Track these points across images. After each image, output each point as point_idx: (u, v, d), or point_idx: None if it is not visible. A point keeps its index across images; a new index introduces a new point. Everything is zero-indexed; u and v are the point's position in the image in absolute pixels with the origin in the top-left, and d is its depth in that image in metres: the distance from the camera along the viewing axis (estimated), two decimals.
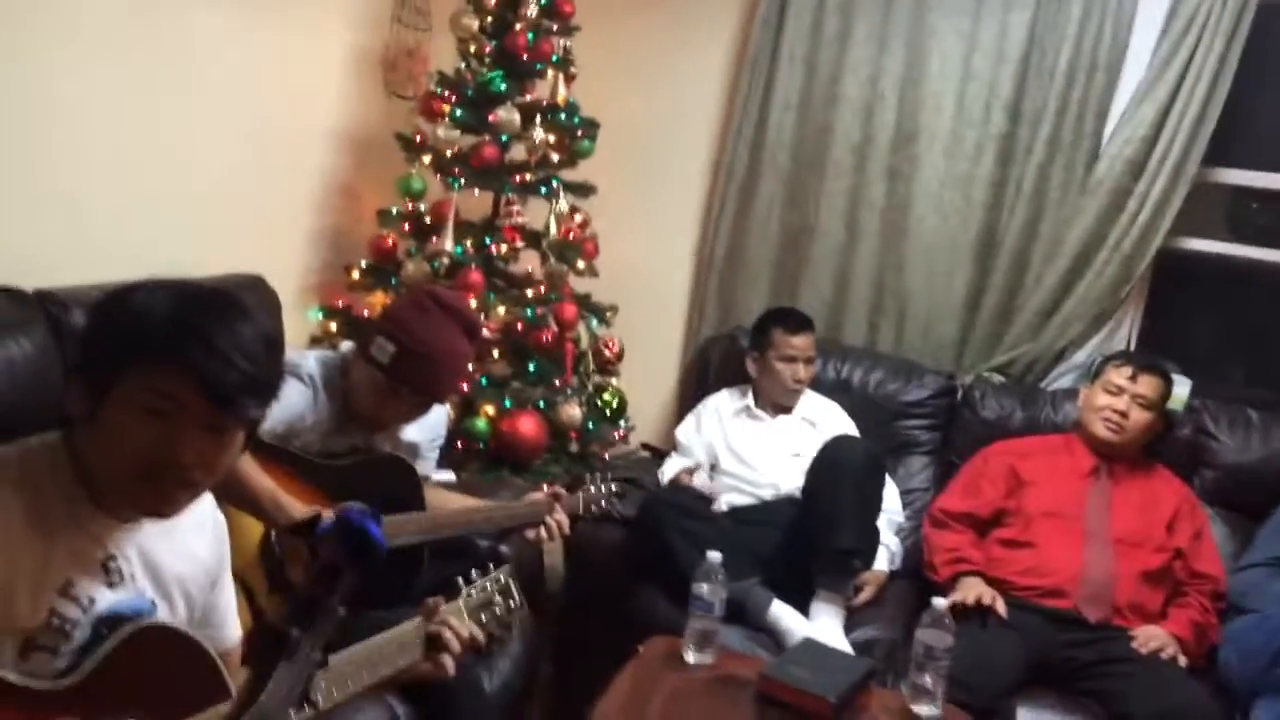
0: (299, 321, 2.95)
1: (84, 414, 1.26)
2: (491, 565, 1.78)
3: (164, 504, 1.30)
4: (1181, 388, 2.95)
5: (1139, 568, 2.62)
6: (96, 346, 1.28)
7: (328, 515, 1.75)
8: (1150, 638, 2.49)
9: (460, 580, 1.70)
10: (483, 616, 1.69)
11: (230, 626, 1.53)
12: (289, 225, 3.05)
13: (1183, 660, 2.47)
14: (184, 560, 1.41)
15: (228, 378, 1.24)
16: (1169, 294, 3.37)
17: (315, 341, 2.97)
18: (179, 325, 1.24)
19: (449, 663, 1.53)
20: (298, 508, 1.88)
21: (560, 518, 2.43)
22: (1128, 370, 2.78)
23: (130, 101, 2.41)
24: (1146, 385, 2.76)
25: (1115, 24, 3.08)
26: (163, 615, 1.36)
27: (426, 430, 2.38)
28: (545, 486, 2.55)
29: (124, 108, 2.40)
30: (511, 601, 1.76)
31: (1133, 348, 3.26)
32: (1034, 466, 2.83)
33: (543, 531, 2.41)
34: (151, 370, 1.22)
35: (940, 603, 2.12)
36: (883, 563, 2.82)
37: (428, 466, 2.43)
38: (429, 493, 2.38)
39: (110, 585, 1.29)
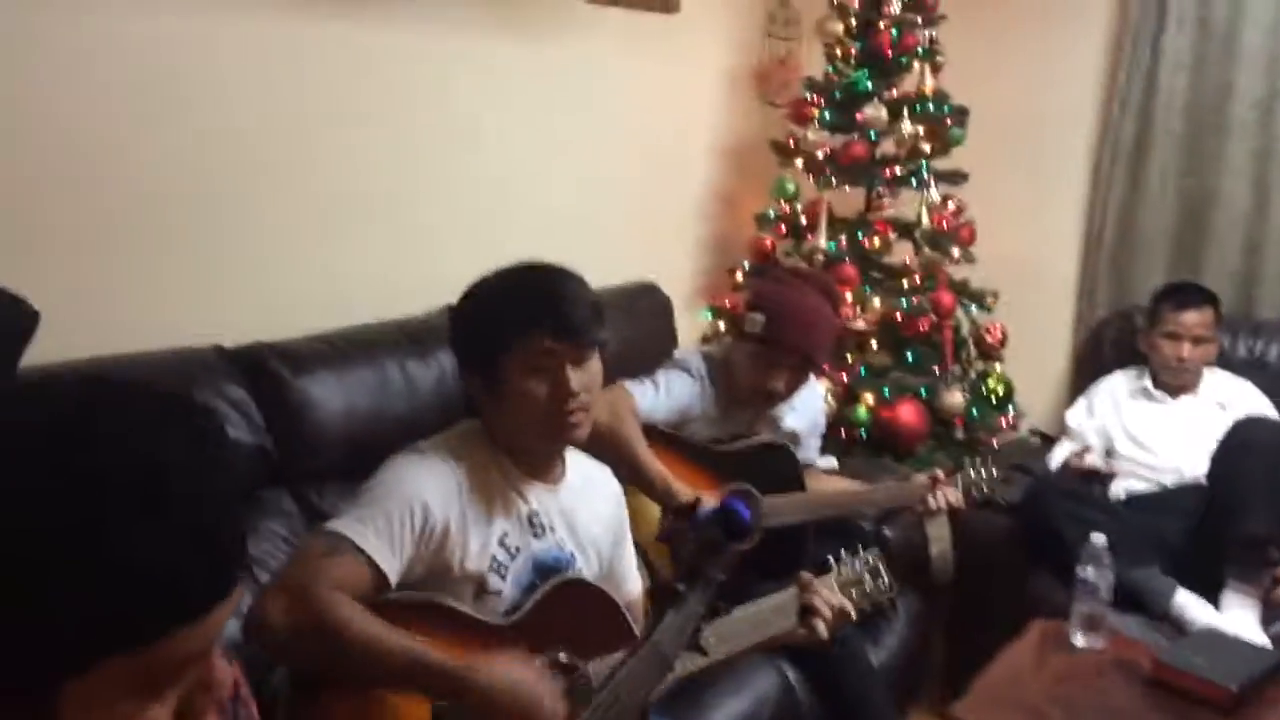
0: (690, 322, 3.20)
1: (487, 396, 1.58)
2: (861, 547, 1.90)
3: (572, 430, 1.59)
4: None
5: None
6: (472, 346, 1.61)
7: (708, 501, 1.95)
8: None
9: (831, 559, 1.84)
10: (853, 592, 1.80)
11: (632, 581, 1.77)
12: (677, 233, 3.33)
13: None
14: (594, 520, 1.68)
15: (575, 320, 1.55)
16: None
17: (706, 340, 3.21)
18: (524, 303, 1.56)
19: (821, 628, 1.66)
20: (685, 490, 2.10)
21: (947, 493, 2.46)
22: None
23: (534, 129, 2.77)
24: None
25: None
26: (579, 566, 1.62)
27: (806, 419, 2.52)
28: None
29: (529, 136, 2.76)
30: (880, 581, 1.86)
31: None
32: None
33: (930, 501, 2.45)
34: (522, 343, 1.54)
35: None
36: None
37: (809, 454, 2.57)
38: (811, 477, 2.52)
39: (536, 536, 1.58)
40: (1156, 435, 2.85)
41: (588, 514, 1.66)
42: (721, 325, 3.19)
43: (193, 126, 2.01)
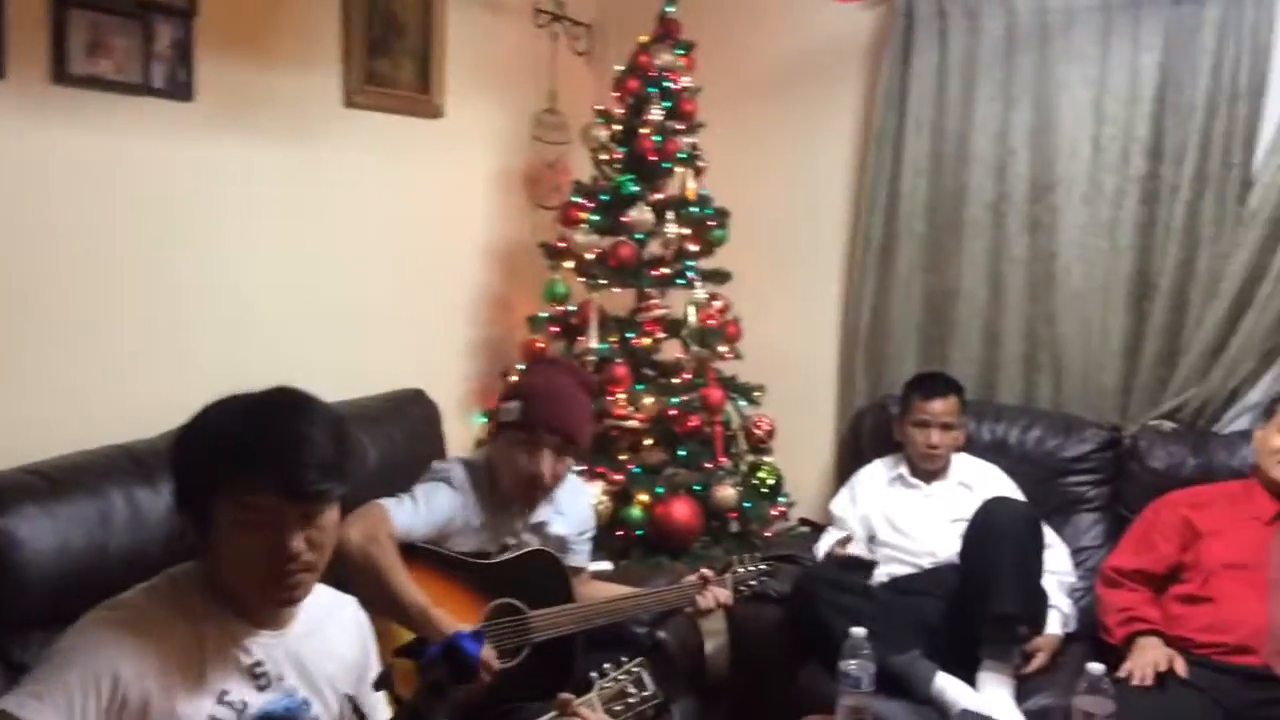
0: (462, 428, 3.15)
1: (200, 542, 1.43)
2: (625, 658, 1.87)
3: (293, 592, 1.46)
4: None
5: None
6: (185, 481, 1.44)
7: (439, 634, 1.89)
8: None
9: (594, 674, 1.80)
10: (617, 708, 1.77)
11: (380, 715, 1.65)
12: (447, 339, 3.29)
13: None
14: (330, 660, 1.56)
15: (303, 476, 1.39)
16: None
17: (480, 444, 3.15)
18: (247, 446, 1.39)
19: None
20: (444, 618, 2.02)
21: (716, 592, 2.49)
22: None
23: (293, 237, 2.69)
24: None
25: (1253, 50, 2.96)
26: (316, 712, 1.51)
27: (573, 522, 2.49)
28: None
29: (287, 243, 2.68)
30: (645, 692, 1.83)
31: None
32: (1210, 516, 2.69)
33: (700, 602, 2.47)
34: (236, 493, 1.38)
35: (1096, 667, 2.05)
36: (1055, 626, 2.73)
37: (580, 559, 2.54)
38: (582, 584, 2.50)
39: (260, 689, 1.45)
40: (913, 520, 2.97)
41: (323, 654, 1.55)
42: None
43: None
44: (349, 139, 2.84)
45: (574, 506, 2.48)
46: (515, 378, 3.10)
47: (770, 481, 3.28)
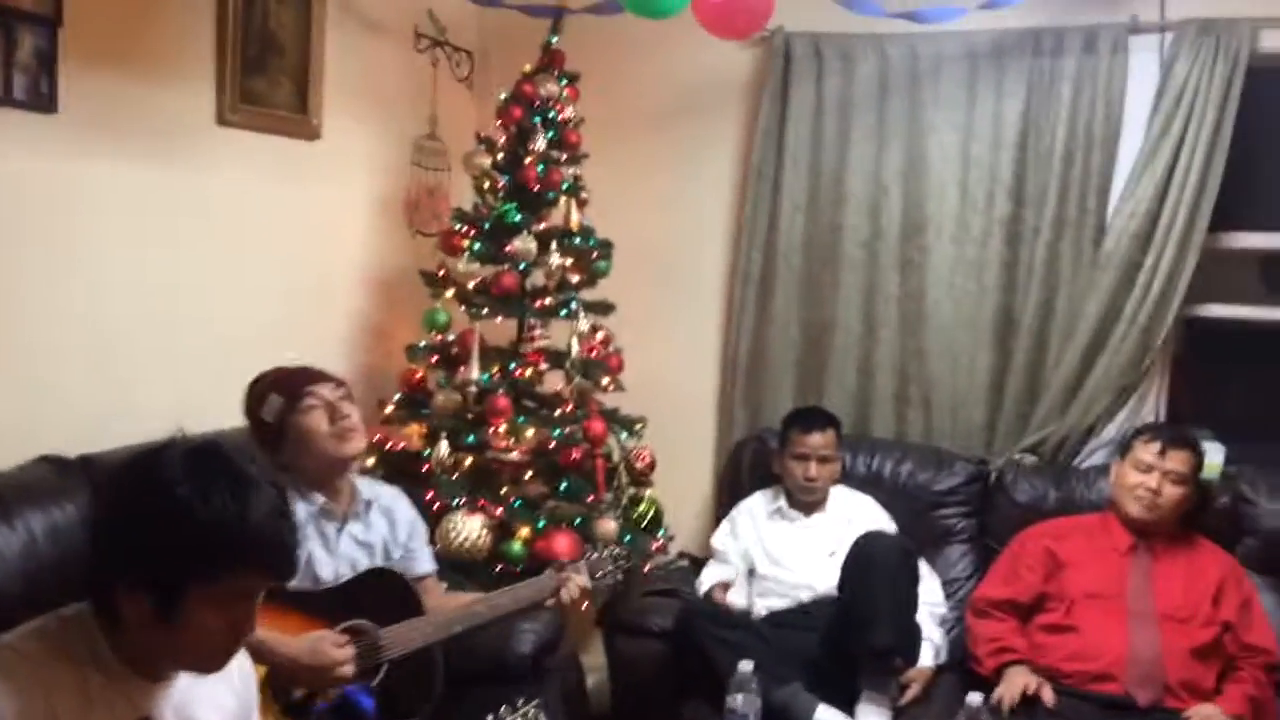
0: None
1: (149, 617, 1.33)
2: (522, 699, 1.83)
3: (225, 664, 1.43)
4: (1215, 455, 2.92)
5: (1188, 644, 2.58)
6: (165, 563, 1.32)
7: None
8: (1205, 717, 2.44)
9: (490, 717, 1.75)
10: None
11: None
12: (324, 367, 3.16)
13: None
14: (214, 710, 1.50)
15: (294, 561, 1.41)
16: (1199, 361, 3.37)
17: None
18: (246, 540, 1.34)
19: None
20: (284, 641, 1.95)
21: (575, 579, 2.44)
22: (1156, 445, 2.76)
23: (160, 259, 2.57)
24: (1176, 460, 2.73)
25: (1107, 102, 3.14)
26: None
27: (391, 523, 2.43)
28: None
29: (155, 266, 2.55)
30: None
31: (1162, 418, 3.24)
32: (1071, 548, 2.81)
33: (563, 595, 2.43)
34: (226, 579, 1.34)
35: (975, 697, 2.11)
36: (928, 657, 2.80)
37: (422, 565, 2.48)
38: (433, 595, 2.44)
39: None
40: (792, 553, 3.01)
41: (206, 702, 1.48)
42: (370, 461, 3.05)
43: None
44: (222, 158, 2.73)
45: (385, 505, 2.44)
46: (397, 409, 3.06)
47: (650, 515, 3.27)
